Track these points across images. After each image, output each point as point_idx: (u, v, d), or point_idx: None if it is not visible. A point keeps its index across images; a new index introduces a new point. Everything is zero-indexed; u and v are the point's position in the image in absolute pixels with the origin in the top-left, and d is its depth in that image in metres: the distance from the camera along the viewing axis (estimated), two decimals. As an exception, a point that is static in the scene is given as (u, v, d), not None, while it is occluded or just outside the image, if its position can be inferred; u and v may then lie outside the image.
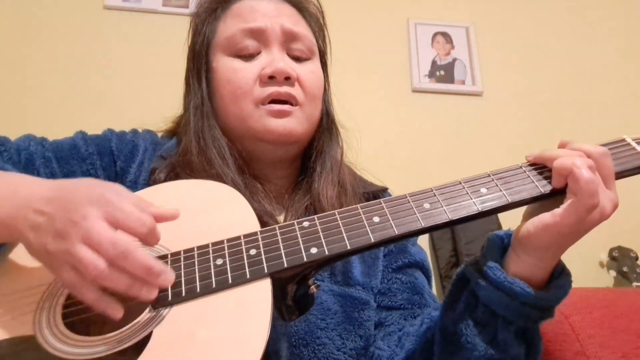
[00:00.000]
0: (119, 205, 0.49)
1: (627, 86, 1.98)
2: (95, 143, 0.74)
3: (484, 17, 2.04)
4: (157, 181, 0.68)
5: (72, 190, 0.50)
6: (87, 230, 0.46)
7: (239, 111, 0.72)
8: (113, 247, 0.46)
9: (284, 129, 0.71)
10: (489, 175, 0.57)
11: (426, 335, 0.66)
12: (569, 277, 0.57)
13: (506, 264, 0.57)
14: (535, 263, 0.55)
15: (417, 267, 0.79)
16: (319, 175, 0.75)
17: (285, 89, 0.71)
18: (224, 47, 0.74)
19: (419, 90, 1.91)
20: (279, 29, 0.73)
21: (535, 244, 0.54)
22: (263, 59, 0.73)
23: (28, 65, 1.72)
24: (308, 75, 0.75)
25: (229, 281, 0.51)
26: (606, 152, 0.53)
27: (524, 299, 0.54)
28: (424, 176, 1.70)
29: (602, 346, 1.06)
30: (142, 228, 0.48)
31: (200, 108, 0.75)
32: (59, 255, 0.47)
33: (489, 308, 0.57)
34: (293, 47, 0.75)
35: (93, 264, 0.45)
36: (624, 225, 1.42)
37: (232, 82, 0.72)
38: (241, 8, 0.76)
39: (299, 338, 0.65)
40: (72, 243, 0.46)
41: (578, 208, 0.50)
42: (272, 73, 0.70)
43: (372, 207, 0.56)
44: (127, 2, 1.84)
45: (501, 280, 0.55)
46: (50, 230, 0.48)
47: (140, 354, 0.47)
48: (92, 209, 0.47)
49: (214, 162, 0.69)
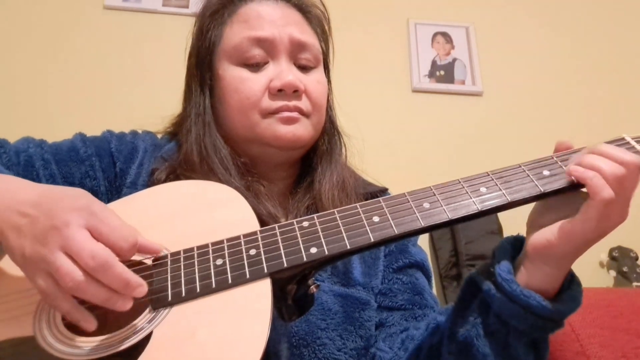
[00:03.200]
0: (104, 218, 0.48)
1: (627, 85, 1.98)
2: (95, 145, 0.73)
3: (484, 17, 2.04)
4: (157, 182, 0.68)
5: (59, 197, 0.50)
6: (67, 238, 0.45)
7: (246, 120, 0.71)
8: (92, 259, 0.45)
9: (293, 135, 0.71)
10: (488, 175, 0.57)
11: (432, 341, 0.65)
12: (579, 286, 0.57)
13: (518, 273, 0.57)
14: (552, 272, 0.55)
15: (418, 267, 0.79)
16: (321, 176, 0.76)
17: (294, 102, 0.71)
18: (230, 55, 0.73)
19: (419, 90, 1.91)
20: (287, 40, 0.73)
21: (558, 253, 0.53)
22: (271, 70, 0.72)
23: (28, 65, 1.72)
24: (315, 86, 0.74)
25: (229, 281, 0.51)
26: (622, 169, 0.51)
27: (539, 312, 0.54)
28: (424, 176, 1.70)
29: (602, 346, 1.06)
30: (124, 243, 0.48)
31: (202, 116, 0.74)
32: (35, 260, 0.47)
33: (501, 319, 0.56)
34: (300, 57, 0.74)
35: (70, 274, 0.45)
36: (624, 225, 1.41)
37: (239, 91, 0.71)
38: (248, 13, 0.74)
39: (300, 338, 0.65)
40: (50, 250, 0.45)
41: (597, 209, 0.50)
42: (281, 86, 0.70)
43: (372, 207, 0.56)
44: (127, 2, 1.84)
45: (517, 293, 0.54)
46: (30, 233, 0.47)
47: (140, 355, 0.47)
48: (75, 217, 0.47)
49: (217, 171, 0.69)
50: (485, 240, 1.62)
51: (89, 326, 0.48)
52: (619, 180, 0.50)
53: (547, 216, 0.55)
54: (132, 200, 0.64)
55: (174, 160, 0.72)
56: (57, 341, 0.50)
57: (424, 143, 1.83)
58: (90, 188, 0.70)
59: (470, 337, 0.58)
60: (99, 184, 0.71)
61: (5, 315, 0.52)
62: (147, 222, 0.58)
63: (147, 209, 0.61)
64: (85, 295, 0.46)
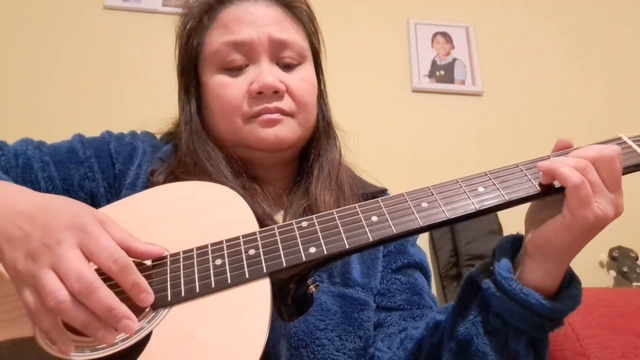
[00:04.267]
0: (96, 237, 0.48)
1: (626, 85, 1.98)
2: (93, 146, 0.73)
3: (484, 17, 2.04)
4: (155, 183, 0.68)
5: (56, 211, 0.49)
6: (57, 257, 0.45)
7: (230, 125, 0.72)
8: (77, 281, 0.45)
9: (276, 137, 0.70)
10: (486, 174, 0.57)
11: (432, 340, 0.65)
12: (579, 285, 0.57)
13: (517, 272, 0.57)
14: (552, 269, 0.55)
15: (417, 267, 0.79)
16: (316, 178, 0.75)
17: (275, 104, 0.70)
18: (211, 61, 0.73)
19: (419, 90, 1.91)
20: (266, 40, 0.72)
21: (556, 248, 0.54)
22: (251, 73, 0.72)
23: (27, 65, 1.72)
24: (298, 84, 0.73)
25: (228, 281, 0.51)
26: (605, 157, 0.53)
27: (539, 310, 0.54)
28: (424, 176, 1.69)
29: (602, 346, 1.06)
30: (113, 265, 0.47)
31: (189, 124, 0.75)
32: (25, 275, 0.46)
33: (501, 317, 0.57)
34: (282, 56, 0.73)
35: (53, 293, 0.44)
36: (624, 225, 1.41)
37: (220, 97, 0.71)
38: (227, 17, 0.74)
39: (299, 339, 0.65)
40: (39, 267, 0.45)
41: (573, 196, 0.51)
42: (259, 89, 0.70)
43: (370, 207, 0.56)
44: (127, 2, 1.85)
45: (517, 292, 0.54)
46: (23, 248, 0.47)
47: (140, 354, 0.47)
48: (68, 236, 0.47)
49: (211, 174, 0.70)
50: (485, 240, 1.62)
51: (64, 349, 0.47)
52: (587, 165, 0.52)
53: (544, 212, 0.56)
54: (131, 201, 0.64)
55: (172, 161, 0.73)
56: (56, 341, 0.50)
57: (424, 143, 1.83)
58: (89, 189, 0.70)
59: (470, 336, 0.58)
60: (98, 186, 0.71)
61: (5, 316, 0.52)
62: (146, 224, 0.58)
63: (146, 211, 0.61)
64: (65, 316, 0.45)
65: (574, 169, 0.52)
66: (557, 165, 0.53)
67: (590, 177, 0.52)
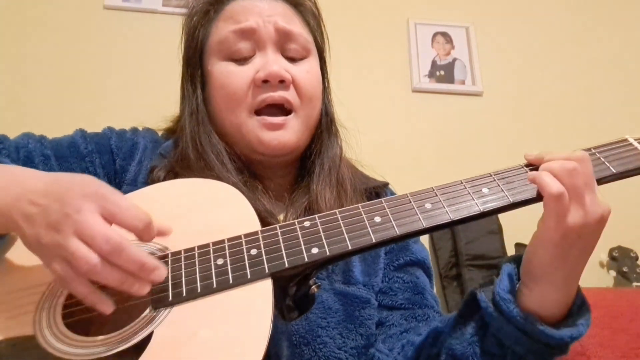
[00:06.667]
0: (115, 200, 0.48)
1: (627, 86, 1.98)
2: (95, 141, 0.73)
3: (484, 17, 2.04)
4: (156, 180, 0.68)
5: (68, 184, 0.50)
6: (80, 224, 0.46)
7: (233, 118, 0.71)
8: (106, 242, 0.45)
9: (278, 143, 0.70)
10: (490, 175, 0.57)
11: (431, 351, 0.65)
12: (588, 313, 0.55)
13: (519, 293, 0.56)
14: (548, 292, 0.53)
15: (419, 265, 0.78)
16: (318, 176, 0.74)
17: (280, 93, 0.70)
18: (217, 51, 0.73)
19: (419, 90, 1.91)
20: (272, 29, 0.72)
21: (538, 265, 0.53)
22: (257, 62, 0.71)
23: (28, 65, 1.72)
24: (304, 75, 0.73)
25: (230, 281, 0.51)
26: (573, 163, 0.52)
27: (537, 336, 0.53)
28: (424, 176, 1.70)
29: (602, 346, 1.06)
30: (138, 223, 0.48)
31: (196, 114, 0.74)
32: (51, 247, 0.47)
33: (498, 341, 0.56)
34: (288, 47, 0.73)
35: (85, 258, 0.45)
36: (624, 225, 1.41)
37: (225, 86, 0.71)
38: (233, 9, 0.74)
39: (300, 337, 0.64)
40: (64, 236, 0.46)
41: (550, 206, 0.51)
42: (265, 77, 0.69)
43: (374, 207, 0.56)
44: (127, 2, 1.84)
45: (514, 315, 0.53)
46: (44, 222, 0.47)
47: (141, 355, 0.47)
48: (86, 203, 0.47)
49: (214, 167, 0.69)
50: (485, 240, 1.62)
51: (106, 309, 0.48)
52: (569, 173, 0.51)
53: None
54: (132, 199, 0.63)
55: (172, 157, 0.72)
56: (57, 340, 0.49)
57: (424, 143, 1.83)
58: None
59: (466, 356, 0.58)
60: None
61: (6, 315, 0.52)
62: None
63: (147, 209, 0.61)
64: (100, 278, 0.46)
65: (560, 173, 0.51)
66: (539, 173, 0.52)
67: (572, 181, 0.51)
